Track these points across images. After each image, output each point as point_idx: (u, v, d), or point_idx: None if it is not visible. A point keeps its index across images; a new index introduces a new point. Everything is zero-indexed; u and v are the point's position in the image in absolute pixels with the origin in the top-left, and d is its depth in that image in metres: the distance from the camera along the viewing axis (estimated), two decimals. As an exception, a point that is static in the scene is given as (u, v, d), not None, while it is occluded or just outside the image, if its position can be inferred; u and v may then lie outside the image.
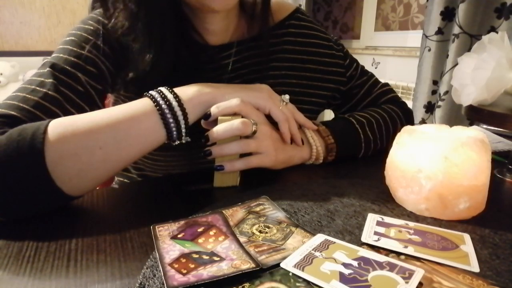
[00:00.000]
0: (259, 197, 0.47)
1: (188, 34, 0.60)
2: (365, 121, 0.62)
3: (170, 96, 0.47)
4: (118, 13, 0.55)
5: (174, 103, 0.47)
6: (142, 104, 0.47)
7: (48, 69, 0.52)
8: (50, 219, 0.42)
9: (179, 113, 0.47)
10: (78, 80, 0.53)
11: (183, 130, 0.48)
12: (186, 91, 0.49)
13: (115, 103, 0.67)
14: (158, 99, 0.47)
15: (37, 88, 0.50)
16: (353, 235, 0.38)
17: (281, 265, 0.32)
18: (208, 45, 0.62)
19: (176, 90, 0.49)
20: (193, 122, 0.49)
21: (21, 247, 0.37)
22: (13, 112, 0.46)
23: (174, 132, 0.47)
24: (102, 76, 0.57)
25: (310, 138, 0.58)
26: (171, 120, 0.46)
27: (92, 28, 0.57)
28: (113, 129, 0.44)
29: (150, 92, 0.48)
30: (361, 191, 0.49)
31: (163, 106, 0.46)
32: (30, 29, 3.06)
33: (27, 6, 3.03)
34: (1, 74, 2.67)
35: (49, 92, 0.50)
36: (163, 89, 0.48)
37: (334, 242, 0.36)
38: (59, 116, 0.48)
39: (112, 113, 0.46)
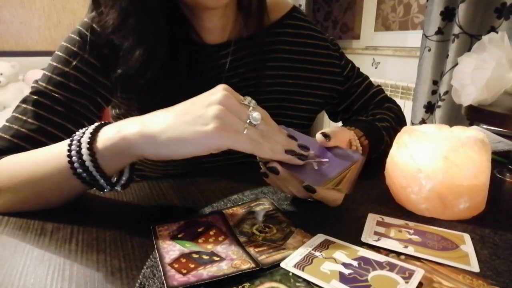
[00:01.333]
0: (259, 197, 0.47)
1: (186, 33, 0.60)
2: (384, 125, 0.63)
3: (84, 149, 0.40)
4: (108, 10, 0.55)
5: (86, 157, 0.40)
6: (58, 156, 0.43)
7: (31, 94, 0.55)
8: (50, 219, 0.42)
9: (92, 169, 0.41)
10: (58, 101, 0.54)
11: (103, 184, 0.42)
12: (107, 134, 0.41)
13: (114, 105, 0.67)
14: (73, 152, 0.41)
15: (19, 116, 0.53)
16: (353, 235, 0.38)
17: (281, 265, 0.32)
18: (206, 44, 0.62)
19: (103, 131, 0.41)
20: (116, 172, 0.43)
21: (21, 248, 0.37)
22: None
23: (98, 186, 0.42)
24: (90, 90, 0.57)
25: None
26: (87, 178, 0.41)
27: (78, 38, 0.57)
28: (31, 184, 0.44)
29: (74, 136, 0.42)
30: (361, 191, 0.49)
31: (75, 164, 0.41)
32: (30, 29, 3.06)
33: (27, 6, 3.03)
34: (1, 74, 2.67)
35: (29, 120, 0.53)
36: (86, 133, 0.42)
37: (334, 242, 0.36)
38: (39, 142, 0.52)
39: (34, 163, 0.44)
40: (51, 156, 0.44)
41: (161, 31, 0.55)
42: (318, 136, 0.44)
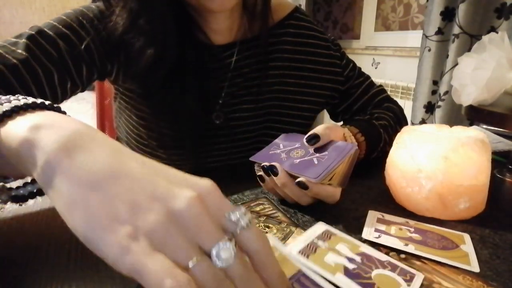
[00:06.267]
0: (259, 197, 0.47)
1: (193, 34, 0.60)
2: (382, 123, 0.63)
3: None
4: (119, 10, 0.55)
5: None
6: None
7: (28, 30, 0.51)
8: (50, 218, 0.42)
9: None
10: (55, 45, 0.51)
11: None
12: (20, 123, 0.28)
13: (116, 95, 0.67)
14: None
15: (7, 45, 0.49)
16: (354, 235, 0.38)
17: (285, 252, 0.31)
18: (212, 45, 0.62)
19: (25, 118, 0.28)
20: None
21: (22, 247, 0.37)
22: None
23: None
24: (90, 54, 0.55)
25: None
26: None
27: (94, 7, 0.56)
28: None
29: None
30: (361, 191, 0.49)
31: None
32: (30, 29, 3.06)
33: (27, 6, 3.03)
34: (1, 74, 2.67)
35: (18, 50, 0.49)
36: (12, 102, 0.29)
37: (336, 234, 0.36)
38: (21, 76, 0.47)
39: None
40: None
41: (171, 32, 0.55)
42: (304, 141, 0.45)
